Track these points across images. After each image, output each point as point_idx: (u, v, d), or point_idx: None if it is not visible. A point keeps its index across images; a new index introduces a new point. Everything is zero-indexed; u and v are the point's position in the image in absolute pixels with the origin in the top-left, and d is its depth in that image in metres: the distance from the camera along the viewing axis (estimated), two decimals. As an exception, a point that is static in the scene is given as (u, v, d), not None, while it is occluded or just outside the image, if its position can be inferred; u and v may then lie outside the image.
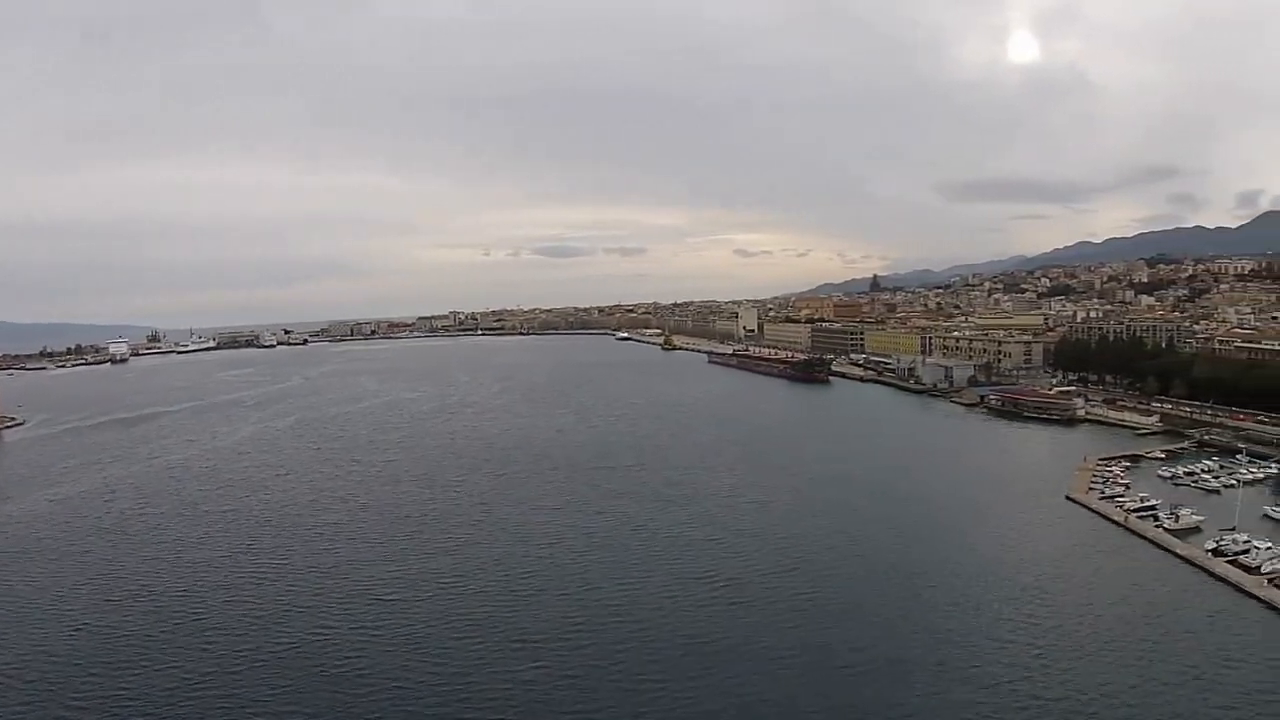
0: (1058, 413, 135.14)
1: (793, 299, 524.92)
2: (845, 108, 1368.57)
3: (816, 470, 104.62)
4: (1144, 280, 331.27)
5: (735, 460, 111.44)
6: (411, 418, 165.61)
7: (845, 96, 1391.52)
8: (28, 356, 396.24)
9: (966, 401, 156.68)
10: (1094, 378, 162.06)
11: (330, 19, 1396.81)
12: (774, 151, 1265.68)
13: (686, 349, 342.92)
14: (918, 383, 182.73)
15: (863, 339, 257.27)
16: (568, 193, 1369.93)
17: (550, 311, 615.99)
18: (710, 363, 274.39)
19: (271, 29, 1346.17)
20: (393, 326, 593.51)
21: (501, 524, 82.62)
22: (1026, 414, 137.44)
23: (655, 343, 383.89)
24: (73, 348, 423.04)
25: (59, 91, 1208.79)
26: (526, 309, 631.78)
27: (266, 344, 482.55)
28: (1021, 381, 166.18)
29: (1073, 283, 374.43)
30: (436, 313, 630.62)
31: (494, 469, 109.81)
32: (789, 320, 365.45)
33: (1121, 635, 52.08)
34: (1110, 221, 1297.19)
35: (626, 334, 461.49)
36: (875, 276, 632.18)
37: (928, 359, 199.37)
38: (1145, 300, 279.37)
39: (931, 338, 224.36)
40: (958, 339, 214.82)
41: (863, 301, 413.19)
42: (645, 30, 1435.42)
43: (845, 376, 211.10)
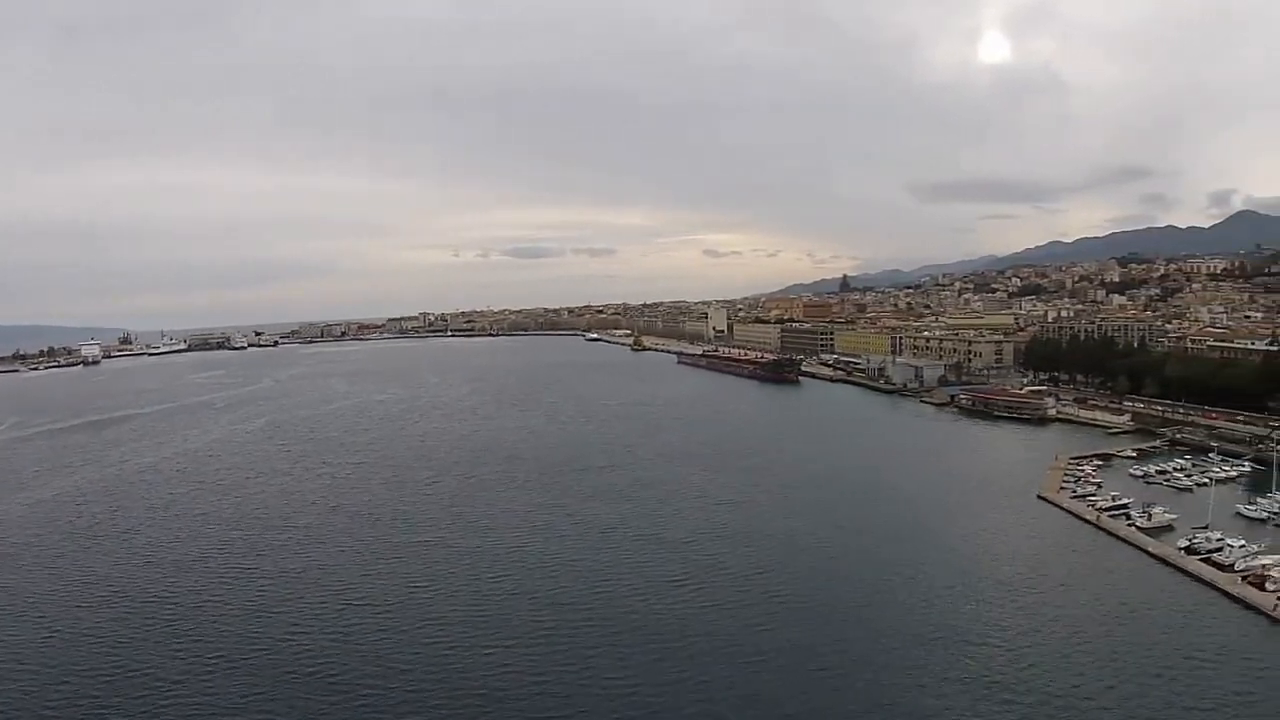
0: (1029, 412, 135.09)
1: (762, 299, 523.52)
2: (815, 108, 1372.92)
3: (787, 471, 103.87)
4: (1115, 280, 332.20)
5: (706, 461, 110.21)
6: (381, 420, 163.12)
7: (815, 97, 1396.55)
8: (1, 359, 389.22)
9: (937, 401, 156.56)
10: (1065, 377, 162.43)
11: (297, 20, 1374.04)
12: (743, 152, 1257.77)
13: (656, 349, 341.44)
14: (888, 383, 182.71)
15: (833, 339, 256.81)
16: (537, 194, 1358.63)
17: (520, 312, 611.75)
18: (679, 364, 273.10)
19: (237, 30, 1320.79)
20: (363, 328, 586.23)
21: (472, 526, 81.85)
22: (997, 413, 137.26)
23: (625, 343, 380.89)
24: (45, 350, 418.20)
25: (29, 92, 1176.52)
26: (496, 310, 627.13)
27: (238, 346, 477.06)
28: (992, 381, 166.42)
29: (1044, 282, 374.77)
30: (407, 314, 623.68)
31: (464, 471, 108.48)
32: (759, 321, 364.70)
33: (1095, 634, 51.79)
34: (1082, 221, 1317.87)
35: (596, 335, 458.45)
36: (845, 277, 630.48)
37: (898, 359, 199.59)
38: (1117, 300, 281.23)
39: (902, 338, 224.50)
40: (928, 339, 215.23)
41: (833, 302, 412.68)
42: (613, 31, 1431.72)
43: (815, 377, 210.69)
